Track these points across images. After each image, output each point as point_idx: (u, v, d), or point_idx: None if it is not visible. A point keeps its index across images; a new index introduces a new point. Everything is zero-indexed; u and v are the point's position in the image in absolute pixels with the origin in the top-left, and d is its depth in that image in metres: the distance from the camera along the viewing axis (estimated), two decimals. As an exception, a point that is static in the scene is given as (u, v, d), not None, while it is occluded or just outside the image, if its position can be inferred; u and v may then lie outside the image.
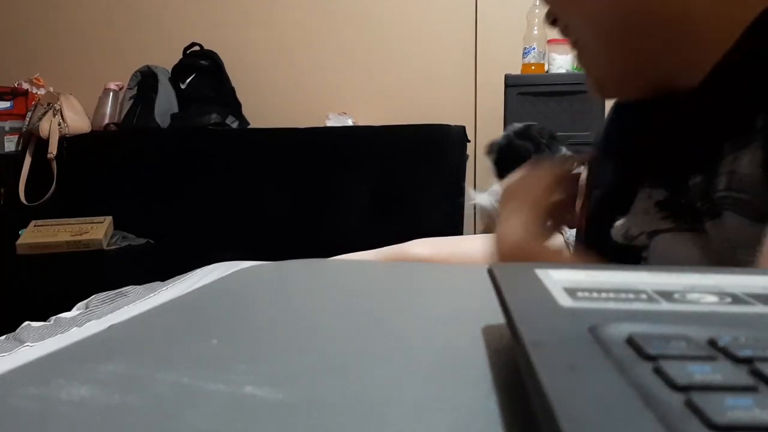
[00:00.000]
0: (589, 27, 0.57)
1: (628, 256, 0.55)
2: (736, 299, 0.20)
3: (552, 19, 0.60)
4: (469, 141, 2.36)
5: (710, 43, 0.48)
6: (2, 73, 2.66)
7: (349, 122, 2.46)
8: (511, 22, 2.34)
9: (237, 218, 2.32)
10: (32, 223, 2.27)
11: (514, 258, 0.59)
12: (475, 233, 2.40)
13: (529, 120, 1.94)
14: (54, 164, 2.35)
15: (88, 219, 2.26)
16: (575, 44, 0.59)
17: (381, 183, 2.22)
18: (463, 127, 2.30)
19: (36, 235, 2.22)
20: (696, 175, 0.50)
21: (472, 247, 0.90)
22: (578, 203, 0.68)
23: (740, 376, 0.14)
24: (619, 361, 0.15)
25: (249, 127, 2.55)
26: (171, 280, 1.38)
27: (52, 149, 2.34)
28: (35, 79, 2.66)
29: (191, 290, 0.35)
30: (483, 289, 0.27)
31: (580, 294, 0.21)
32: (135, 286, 1.35)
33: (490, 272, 0.25)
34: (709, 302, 0.20)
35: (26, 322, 1.18)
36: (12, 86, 2.60)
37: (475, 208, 2.06)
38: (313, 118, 2.45)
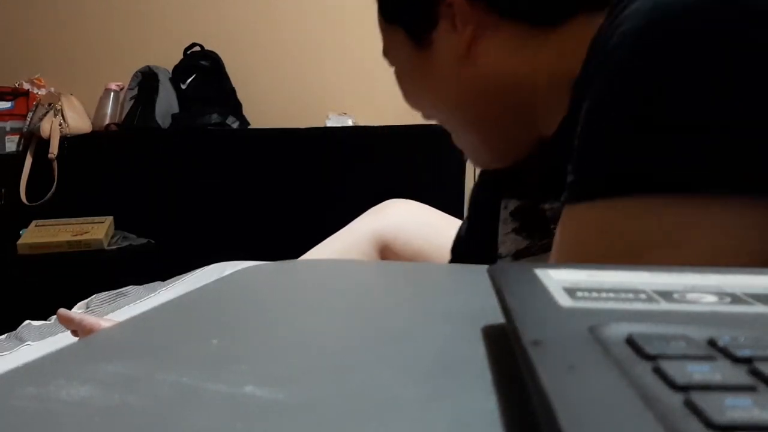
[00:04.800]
0: (449, 117, 0.62)
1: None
2: (736, 299, 0.20)
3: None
4: (469, 141, 2.36)
5: (560, 101, 0.52)
6: (3, 74, 2.66)
7: (349, 122, 2.46)
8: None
9: (237, 218, 2.32)
10: (33, 222, 2.27)
11: None
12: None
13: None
14: (55, 164, 2.35)
15: (88, 219, 2.26)
16: (444, 124, 0.63)
17: (381, 183, 2.22)
18: (464, 127, 2.30)
19: (37, 234, 2.22)
20: (552, 201, 0.55)
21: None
22: None
23: (740, 375, 0.14)
24: (619, 361, 0.15)
25: (249, 127, 2.55)
26: (171, 280, 1.38)
27: (53, 149, 2.34)
28: (36, 79, 2.66)
29: (191, 290, 0.35)
30: (483, 289, 0.27)
31: (579, 294, 0.21)
32: (135, 286, 1.35)
33: (490, 272, 0.25)
34: (708, 302, 0.20)
35: (26, 321, 1.18)
36: (13, 86, 2.60)
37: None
38: (313, 118, 2.45)
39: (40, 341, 1.06)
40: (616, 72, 0.41)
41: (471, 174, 2.44)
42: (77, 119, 2.44)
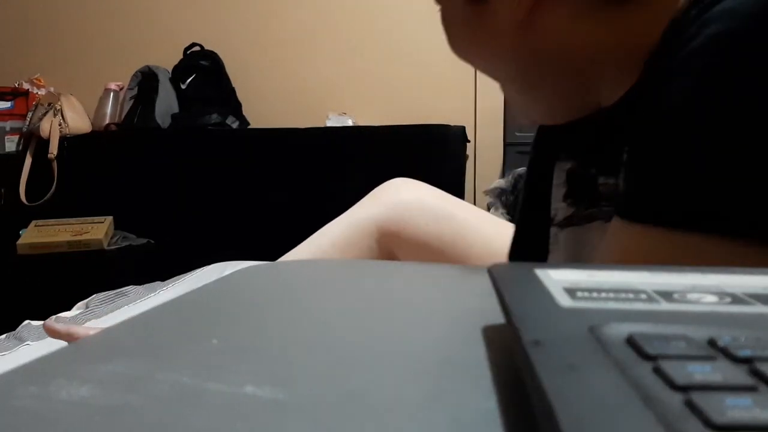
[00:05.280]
0: (497, 72, 0.59)
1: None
2: (736, 299, 0.20)
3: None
4: (469, 141, 2.36)
5: (624, 73, 0.50)
6: (3, 73, 2.66)
7: (349, 122, 2.46)
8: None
9: (237, 218, 2.32)
10: (33, 223, 2.27)
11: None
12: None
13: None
14: (54, 164, 2.35)
15: (88, 219, 2.26)
16: (494, 78, 0.60)
17: (381, 183, 2.21)
18: (463, 128, 2.30)
19: (36, 235, 2.22)
20: (606, 176, 0.53)
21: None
22: None
23: (740, 375, 0.14)
24: (619, 361, 0.15)
25: (249, 127, 2.55)
26: (171, 280, 1.38)
27: (53, 149, 2.34)
28: (36, 79, 2.66)
29: (191, 290, 0.35)
30: (483, 289, 0.27)
31: (579, 294, 0.21)
32: (135, 286, 1.35)
33: (490, 272, 0.25)
34: (708, 302, 0.20)
35: (26, 321, 1.18)
36: (13, 86, 2.60)
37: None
38: (313, 118, 2.45)
39: (40, 341, 1.06)
40: (698, 83, 0.38)
41: (471, 174, 2.44)
42: (77, 119, 2.44)
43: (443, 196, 0.99)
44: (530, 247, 0.66)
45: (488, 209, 1.94)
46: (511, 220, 1.92)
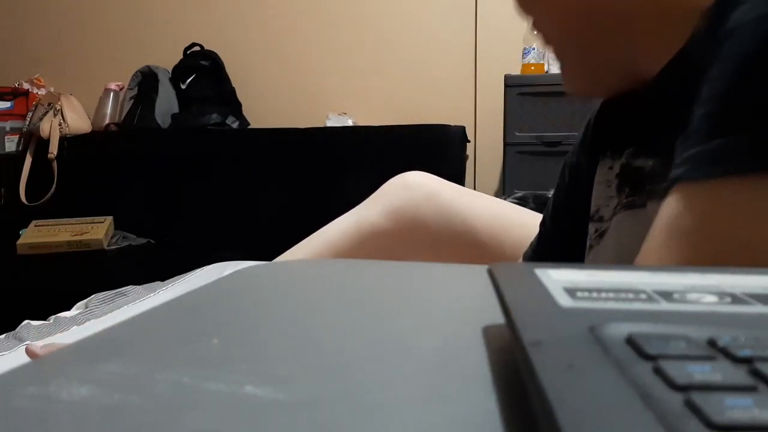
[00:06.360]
0: (555, 24, 0.59)
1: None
2: (736, 299, 0.20)
3: (523, 15, 0.61)
4: (468, 141, 2.36)
5: (667, 39, 0.50)
6: (3, 73, 2.66)
7: (349, 122, 2.46)
8: (511, 23, 2.33)
9: (237, 218, 2.32)
10: (33, 223, 2.27)
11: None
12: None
13: (528, 122, 1.94)
14: (54, 164, 2.35)
15: (88, 219, 2.26)
16: (547, 40, 0.61)
17: (381, 183, 2.21)
18: (463, 128, 2.30)
19: (36, 235, 2.22)
20: (648, 158, 0.52)
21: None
22: None
23: (740, 375, 0.14)
24: (619, 361, 0.15)
25: (249, 127, 2.55)
26: (171, 280, 1.38)
27: (53, 149, 2.34)
28: (36, 79, 2.66)
29: (191, 290, 0.35)
30: (483, 289, 0.27)
31: (579, 294, 0.21)
32: (135, 286, 1.35)
33: (490, 272, 0.25)
34: (708, 302, 0.20)
35: (26, 321, 1.18)
36: (13, 86, 2.61)
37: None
38: (313, 118, 2.45)
39: (39, 341, 1.06)
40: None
41: (471, 174, 2.44)
42: (77, 119, 2.44)
43: (456, 189, 0.94)
44: (560, 246, 0.67)
45: None
46: None
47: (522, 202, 1.86)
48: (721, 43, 0.41)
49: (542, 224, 0.73)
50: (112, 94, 2.57)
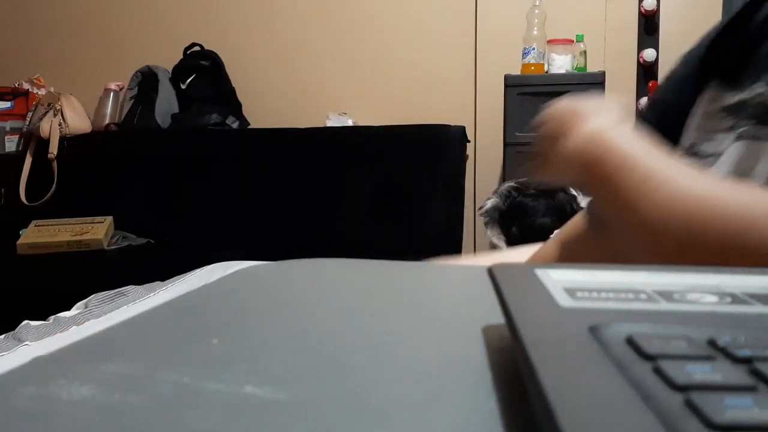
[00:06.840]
0: None
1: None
2: (736, 299, 0.20)
3: None
4: (468, 141, 2.36)
5: None
6: (3, 73, 2.66)
7: (349, 122, 2.47)
8: (510, 23, 2.34)
9: (237, 218, 2.32)
10: (33, 223, 2.27)
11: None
12: (474, 234, 2.40)
13: (528, 122, 1.94)
14: (54, 164, 2.35)
15: (88, 219, 2.26)
16: None
17: (381, 183, 2.22)
18: (463, 128, 2.30)
19: (36, 234, 2.22)
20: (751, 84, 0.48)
21: None
22: None
23: (740, 375, 0.14)
24: (619, 361, 0.15)
25: (249, 127, 2.55)
26: (171, 280, 1.38)
27: (53, 149, 2.34)
28: (36, 79, 2.66)
29: (191, 290, 0.35)
30: (483, 289, 0.27)
31: (579, 294, 0.21)
32: (135, 286, 1.35)
33: (490, 272, 0.25)
34: (708, 302, 0.20)
35: (25, 321, 1.18)
36: (13, 86, 2.61)
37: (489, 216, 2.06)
38: (313, 118, 2.45)
39: (39, 341, 1.06)
40: None
41: (471, 174, 2.44)
42: (77, 119, 2.44)
43: None
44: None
45: (485, 227, 1.93)
46: (507, 241, 1.89)
47: (522, 189, 1.85)
48: None
49: None
50: (112, 94, 2.57)
